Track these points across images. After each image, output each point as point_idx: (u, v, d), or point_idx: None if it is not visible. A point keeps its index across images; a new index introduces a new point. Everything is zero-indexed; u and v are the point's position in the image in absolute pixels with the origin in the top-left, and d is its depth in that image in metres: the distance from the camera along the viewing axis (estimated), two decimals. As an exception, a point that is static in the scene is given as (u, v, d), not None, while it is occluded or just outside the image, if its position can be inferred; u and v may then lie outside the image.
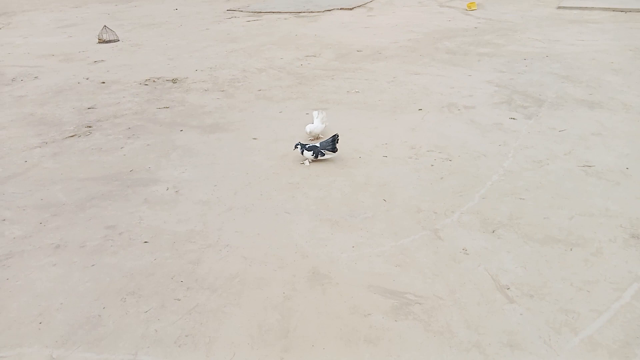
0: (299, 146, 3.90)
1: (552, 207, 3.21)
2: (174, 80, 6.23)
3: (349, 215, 3.22)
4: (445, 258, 2.77)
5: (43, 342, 2.30)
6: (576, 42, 7.38)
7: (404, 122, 4.69)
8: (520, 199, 3.32)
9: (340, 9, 10.88)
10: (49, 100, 5.65)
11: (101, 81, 6.31)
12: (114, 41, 8.51)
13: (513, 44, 7.42)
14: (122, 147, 4.37)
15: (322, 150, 3.90)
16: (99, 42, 8.48)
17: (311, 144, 3.94)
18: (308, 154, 3.87)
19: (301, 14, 10.57)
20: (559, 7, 10.04)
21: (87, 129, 4.81)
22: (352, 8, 10.94)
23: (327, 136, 4.12)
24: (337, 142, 3.91)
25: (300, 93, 5.62)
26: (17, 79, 6.53)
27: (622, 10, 9.40)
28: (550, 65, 6.29)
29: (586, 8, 9.77)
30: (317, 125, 4.32)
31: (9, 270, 2.82)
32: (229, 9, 11.50)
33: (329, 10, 10.73)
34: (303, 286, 2.60)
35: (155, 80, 6.28)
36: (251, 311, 2.45)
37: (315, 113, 4.39)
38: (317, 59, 7.06)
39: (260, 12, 10.97)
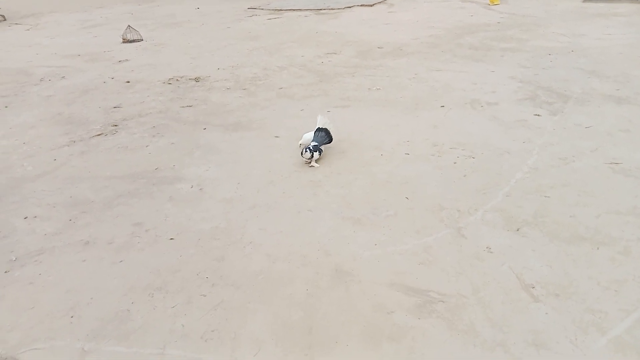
0: (308, 151, 3.82)
1: (578, 205, 3.17)
2: (196, 79, 6.31)
3: (371, 213, 3.22)
4: (468, 256, 2.76)
5: (75, 336, 2.37)
6: (603, 36, 7.23)
7: (426, 119, 4.66)
8: (545, 196, 3.28)
9: (361, 5, 10.85)
10: (75, 100, 5.78)
11: (126, 80, 6.43)
12: (138, 41, 8.65)
13: (537, 39, 7.30)
14: (147, 146, 4.45)
15: (321, 147, 3.93)
16: (123, 42, 8.63)
17: (312, 144, 3.89)
18: (317, 155, 3.87)
19: (321, 11, 10.57)
20: (584, 1, 9.83)
21: (113, 127, 4.91)
22: (373, 4, 10.90)
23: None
24: (329, 131, 4.02)
25: (321, 91, 5.63)
26: (45, 79, 6.70)
27: (650, 3, 9.16)
28: (576, 60, 6.18)
29: (612, 1, 9.54)
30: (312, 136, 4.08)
31: (41, 265, 2.91)
32: (249, 7, 11.57)
33: (349, 7, 10.71)
34: (326, 284, 2.62)
35: (179, 79, 6.37)
36: (275, 308, 2.48)
37: (319, 118, 4.13)
38: (337, 56, 7.06)
39: (280, 9, 11.01)
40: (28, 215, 3.44)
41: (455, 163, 3.80)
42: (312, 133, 4.07)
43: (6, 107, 5.64)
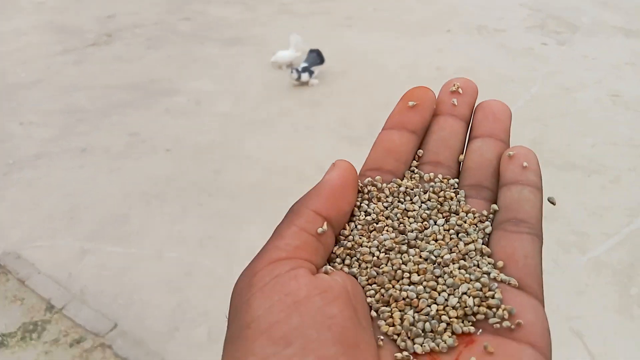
0: (294, 72, 3.69)
1: (575, 135, 3.17)
2: (194, -9, 6.04)
3: (369, 134, 3.22)
4: (462, 178, 2.80)
5: (74, 236, 2.44)
6: (621, -35, 6.89)
7: (431, 43, 4.54)
8: (545, 125, 3.28)
9: None
10: (68, 7, 5.56)
11: (120, -11, 6.15)
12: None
13: (552, -35, 6.96)
14: (142, 58, 4.34)
15: (312, 68, 3.79)
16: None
17: (301, 66, 3.75)
18: (306, 76, 3.73)
19: None
20: None
21: (107, 38, 4.77)
22: None
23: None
24: (321, 53, 3.84)
25: (325, 8, 5.42)
26: (36, -16, 6.39)
27: None
28: (590, -11, 5.93)
29: None
30: (287, 55, 3.98)
31: (39, 169, 2.93)
32: None
33: None
34: (321, 198, 2.67)
35: (176, -10, 6.10)
36: (271, 219, 2.52)
37: (291, 37, 3.99)
38: (342, -27, 6.73)
39: None
40: (24, 122, 3.42)
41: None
42: (288, 52, 3.97)
43: (-4, 11, 5.43)
